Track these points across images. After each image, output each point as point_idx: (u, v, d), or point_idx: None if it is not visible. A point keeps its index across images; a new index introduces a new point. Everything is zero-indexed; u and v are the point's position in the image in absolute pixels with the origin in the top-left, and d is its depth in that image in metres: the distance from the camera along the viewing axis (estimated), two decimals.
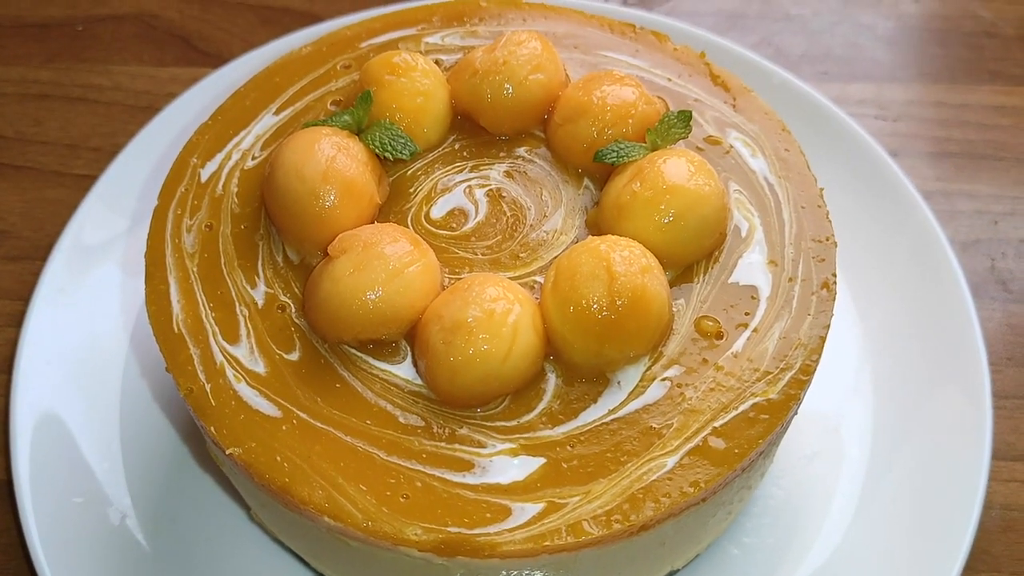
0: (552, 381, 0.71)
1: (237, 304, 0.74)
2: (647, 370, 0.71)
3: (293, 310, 0.74)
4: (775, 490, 0.86)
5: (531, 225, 0.79)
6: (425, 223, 0.79)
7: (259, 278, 0.76)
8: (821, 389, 0.78)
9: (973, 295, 0.94)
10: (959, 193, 1.10)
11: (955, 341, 0.91)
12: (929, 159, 1.13)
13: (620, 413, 0.69)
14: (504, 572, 0.67)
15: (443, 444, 0.68)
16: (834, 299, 0.74)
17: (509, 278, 0.75)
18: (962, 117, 1.17)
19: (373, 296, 0.69)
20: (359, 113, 0.79)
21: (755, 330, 0.73)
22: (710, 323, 0.73)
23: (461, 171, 0.82)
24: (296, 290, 0.75)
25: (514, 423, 0.69)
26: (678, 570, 0.80)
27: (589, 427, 0.69)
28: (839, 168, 0.99)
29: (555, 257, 0.76)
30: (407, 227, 0.77)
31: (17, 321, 0.98)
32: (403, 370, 0.71)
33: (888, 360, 0.93)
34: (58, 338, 0.92)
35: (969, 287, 0.94)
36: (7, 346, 0.98)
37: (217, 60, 1.20)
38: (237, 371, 0.71)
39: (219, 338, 0.72)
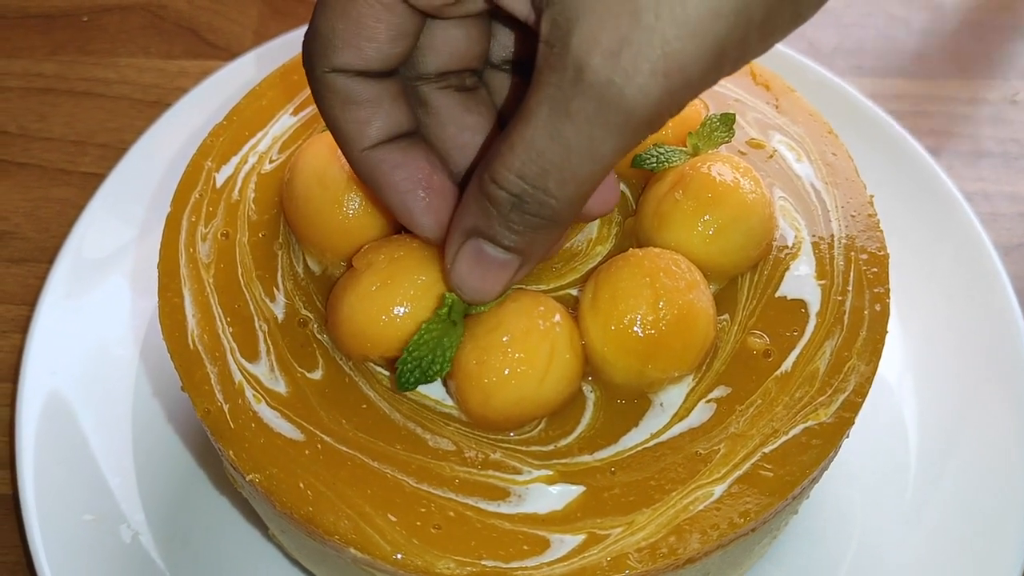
0: (591, 402, 0.67)
1: (256, 318, 0.70)
2: (691, 391, 0.67)
3: (315, 325, 0.70)
4: (816, 509, 0.83)
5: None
6: None
7: (279, 290, 0.72)
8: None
9: (1018, 300, 0.90)
10: (1000, 195, 1.06)
11: (1002, 351, 0.88)
12: (968, 158, 1.09)
13: (663, 437, 0.65)
14: None
15: (476, 470, 0.64)
16: (888, 315, 0.70)
17: (543, 291, 0.71)
18: (1001, 114, 1.13)
19: (401, 312, 0.65)
20: None
21: (805, 348, 0.69)
22: (757, 340, 0.69)
23: None
24: (318, 303, 0.71)
25: (551, 448, 0.65)
26: None
27: (630, 452, 0.65)
28: (878, 167, 0.94)
29: (592, 269, 0.72)
30: None
31: (22, 327, 0.95)
32: (432, 390, 0.67)
33: (932, 370, 0.89)
34: (65, 347, 0.89)
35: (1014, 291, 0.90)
36: (12, 353, 0.94)
37: (227, 53, 1.16)
38: (257, 391, 0.67)
39: (237, 355, 0.68)
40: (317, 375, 0.68)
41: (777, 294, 0.71)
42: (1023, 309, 0.90)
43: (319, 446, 0.65)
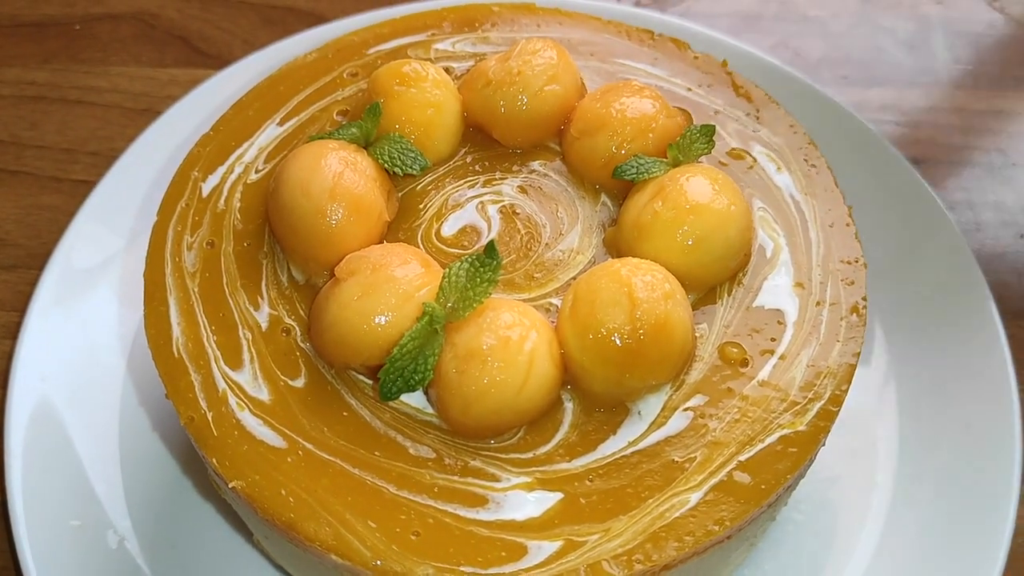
0: (569, 411, 0.68)
1: (240, 327, 0.71)
2: (669, 399, 0.68)
3: (298, 333, 0.71)
4: (795, 515, 0.83)
5: (546, 244, 0.75)
6: (436, 241, 0.75)
7: (263, 299, 0.72)
8: (843, 409, 0.75)
9: (999, 310, 0.91)
10: (984, 204, 1.07)
11: (983, 360, 0.88)
12: (952, 168, 1.10)
13: (641, 445, 0.66)
14: None
15: (455, 477, 0.65)
16: (864, 325, 0.71)
17: (524, 300, 0.72)
18: (985, 124, 1.14)
19: (382, 321, 0.66)
20: (367, 126, 0.75)
21: (782, 357, 0.69)
22: (734, 349, 0.70)
23: (473, 186, 0.78)
24: (301, 312, 0.72)
25: (530, 455, 0.66)
26: None
27: (608, 460, 0.66)
28: (862, 177, 0.96)
29: (572, 278, 0.72)
30: (417, 245, 0.74)
31: (12, 333, 0.96)
32: (413, 398, 0.68)
33: (913, 379, 0.90)
34: (54, 353, 0.89)
35: (996, 302, 0.91)
36: (2, 359, 0.95)
37: (218, 61, 1.17)
38: (240, 398, 0.68)
39: (221, 363, 0.69)
40: (300, 383, 0.69)
41: (755, 304, 0.72)
42: (1004, 318, 0.90)
43: (301, 453, 0.66)
